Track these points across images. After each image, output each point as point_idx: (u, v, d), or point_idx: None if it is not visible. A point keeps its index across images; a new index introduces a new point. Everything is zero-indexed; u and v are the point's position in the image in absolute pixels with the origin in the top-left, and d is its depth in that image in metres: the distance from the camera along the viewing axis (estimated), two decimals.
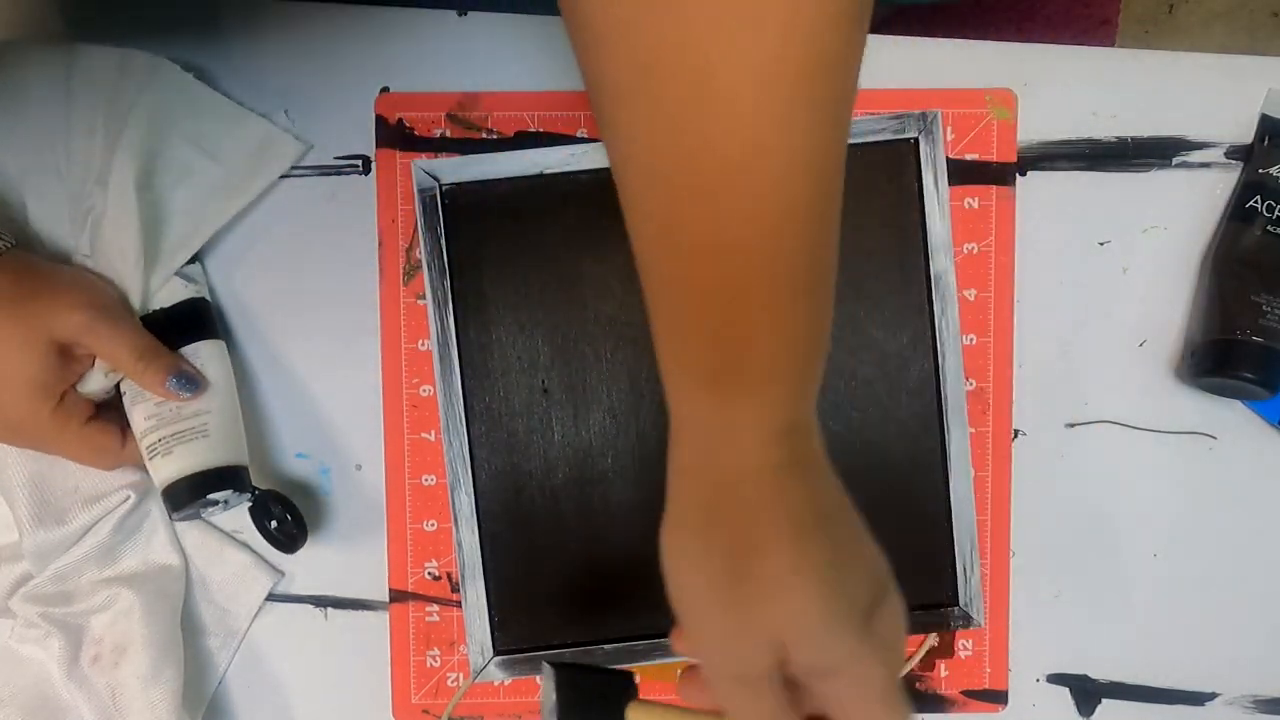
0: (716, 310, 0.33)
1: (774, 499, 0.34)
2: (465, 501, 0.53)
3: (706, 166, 0.30)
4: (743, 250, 0.31)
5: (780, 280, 0.32)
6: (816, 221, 0.32)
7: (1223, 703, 0.56)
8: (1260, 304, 0.52)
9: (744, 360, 0.33)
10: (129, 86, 0.51)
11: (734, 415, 0.34)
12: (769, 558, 0.33)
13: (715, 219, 0.31)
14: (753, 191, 0.30)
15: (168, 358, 0.49)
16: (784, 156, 0.30)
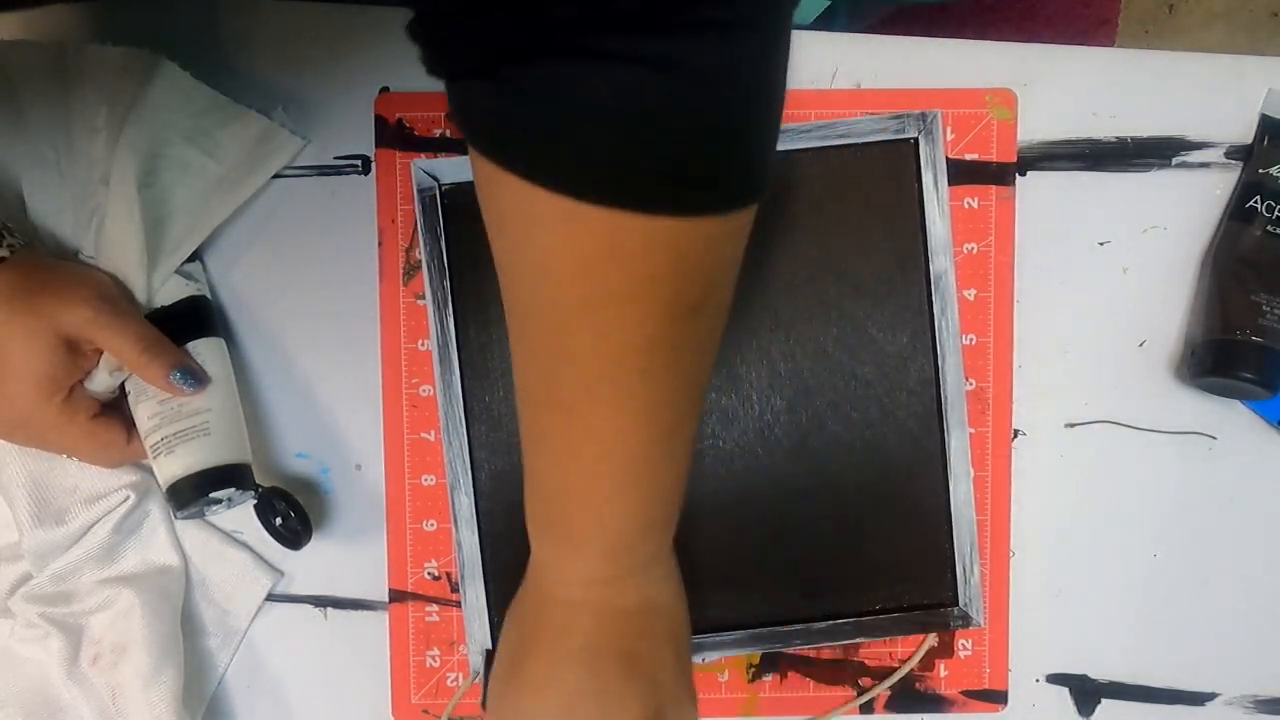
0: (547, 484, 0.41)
1: (553, 623, 0.42)
2: (465, 502, 0.53)
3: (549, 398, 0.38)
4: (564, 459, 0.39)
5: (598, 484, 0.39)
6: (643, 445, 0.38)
7: (1223, 703, 0.56)
8: (1260, 304, 0.52)
9: (564, 527, 0.41)
10: (129, 85, 0.51)
11: (554, 561, 0.43)
12: (530, 666, 0.42)
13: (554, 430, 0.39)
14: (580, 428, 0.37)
15: (172, 352, 0.49)
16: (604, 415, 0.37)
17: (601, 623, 0.42)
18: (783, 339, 0.53)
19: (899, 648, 0.55)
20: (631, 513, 0.40)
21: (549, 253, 0.34)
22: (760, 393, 0.54)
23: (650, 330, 0.35)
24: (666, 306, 0.34)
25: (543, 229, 0.33)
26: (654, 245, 0.33)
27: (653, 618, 0.43)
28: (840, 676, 0.55)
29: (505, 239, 0.36)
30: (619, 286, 0.33)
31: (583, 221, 0.32)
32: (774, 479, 0.54)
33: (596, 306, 0.34)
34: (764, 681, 0.55)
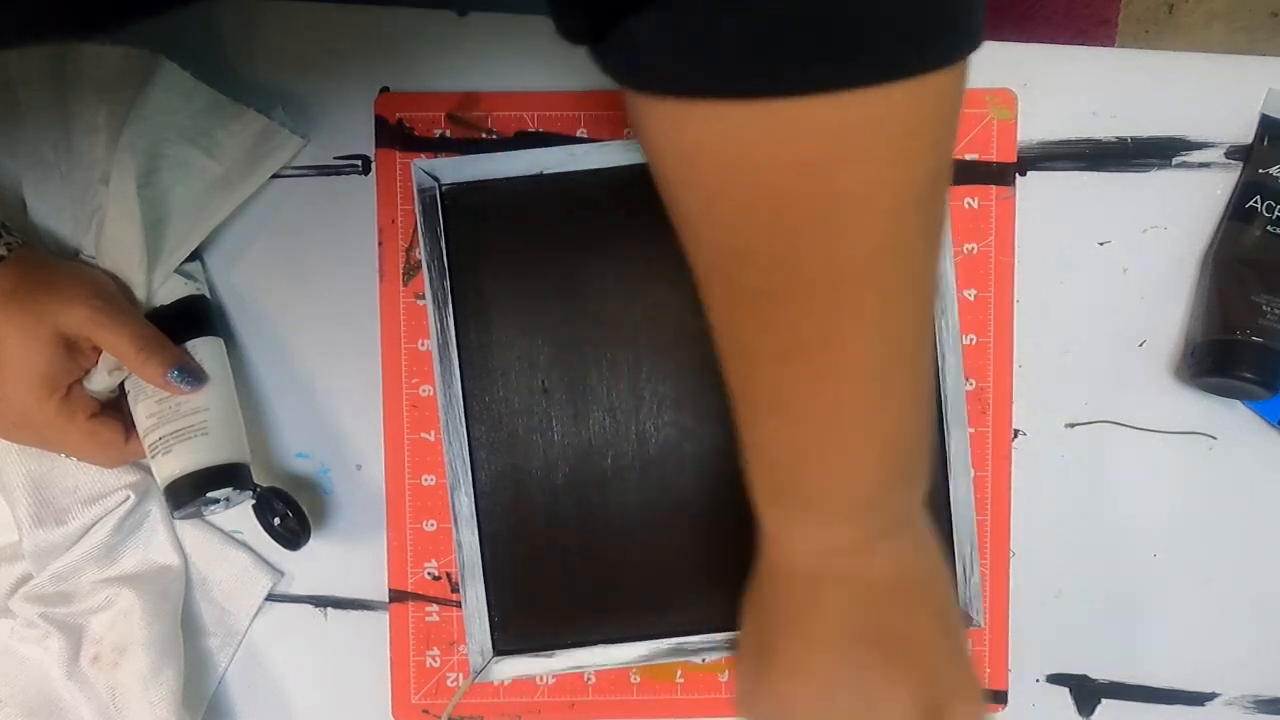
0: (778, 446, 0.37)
1: (802, 602, 0.38)
2: (465, 502, 0.53)
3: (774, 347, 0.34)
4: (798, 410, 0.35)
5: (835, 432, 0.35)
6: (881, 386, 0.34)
7: (1223, 703, 0.56)
8: (1260, 304, 0.52)
9: (794, 485, 0.37)
10: (129, 85, 0.51)
11: (790, 526, 0.38)
12: (781, 653, 0.38)
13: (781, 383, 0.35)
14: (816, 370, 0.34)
15: (170, 351, 0.49)
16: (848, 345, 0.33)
17: (853, 598, 0.37)
18: None
19: None
20: (878, 460, 0.36)
21: (763, 175, 0.30)
22: None
23: (880, 231, 0.31)
24: (896, 199, 0.30)
25: (752, 150, 0.30)
26: (878, 126, 0.29)
27: (912, 591, 0.38)
28: None
29: (699, 187, 0.32)
30: (846, 186, 0.30)
31: (798, 123, 0.29)
32: None
33: (822, 221, 0.30)
34: None
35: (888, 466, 0.37)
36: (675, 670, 0.55)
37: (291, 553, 0.52)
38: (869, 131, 0.29)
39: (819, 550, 0.38)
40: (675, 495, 0.54)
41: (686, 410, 0.54)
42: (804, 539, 0.38)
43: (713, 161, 0.31)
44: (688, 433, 0.54)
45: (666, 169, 0.33)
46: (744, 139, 0.29)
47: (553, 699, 0.55)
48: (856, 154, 0.29)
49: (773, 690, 0.38)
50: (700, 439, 0.54)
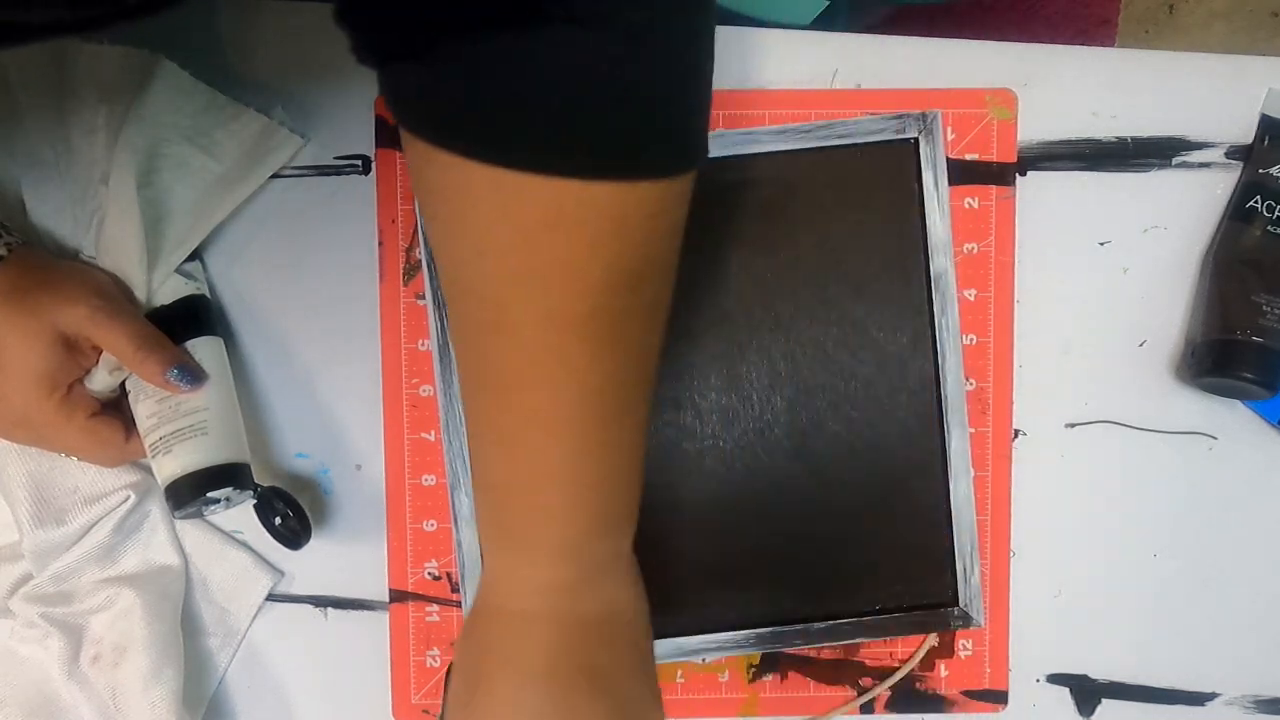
0: (495, 480, 0.39)
1: (511, 640, 0.39)
2: (465, 502, 0.53)
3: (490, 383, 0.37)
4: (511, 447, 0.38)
5: (544, 474, 0.38)
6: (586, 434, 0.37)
7: (1223, 703, 0.56)
8: (1260, 304, 0.52)
9: (512, 526, 0.39)
10: (128, 85, 0.51)
11: (504, 565, 0.40)
12: (491, 690, 0.39)
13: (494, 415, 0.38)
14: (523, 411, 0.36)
15: (168, 350, 0.49)
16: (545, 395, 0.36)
17: (562, 636, 0.39)
18: (783, 339, 0.53)
19: (899, 648, 0.55)
20: (583, 506, 0.38)
21: (487, 226, 0.33)
22: (760, 393, 0.54)
23: (592, 300, 0.34)
24: (608, 275, 0.34)
25: (481, 203, 0.33)
26: (594, 212, 0.33)
27: (615, 626, 0.41)
28: (840, 676, 0.55)
29: (441, 219, 0.35)
30: (559, 255, 0.33)
31: (522, 192, 0.32)
32: (774, 479, 0.54)
33: (536, 277, 0.34)
34: (764, 681, 0.55)
35: (590, 515, 0.39)
36: (675, 670, 0.55)
37: (292, 553, 0.52)
38: (584, 214, 0.32)
39: (531, 589, 0.39)
40: (675, 495, 0.54)
41: (686, 410, 0.54)
42: (516, 578, 0.40)
43: (449, 204, 0.34)
44: (687, 433, 0.54)
45: (419, 196, 0.37)
46: (474, 193, 0.33)
47: None
48: (565, 230, 0.33)
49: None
50: (699, 439, 0.54)
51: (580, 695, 0.39)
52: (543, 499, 0.38)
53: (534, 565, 0.39)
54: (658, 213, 0.35)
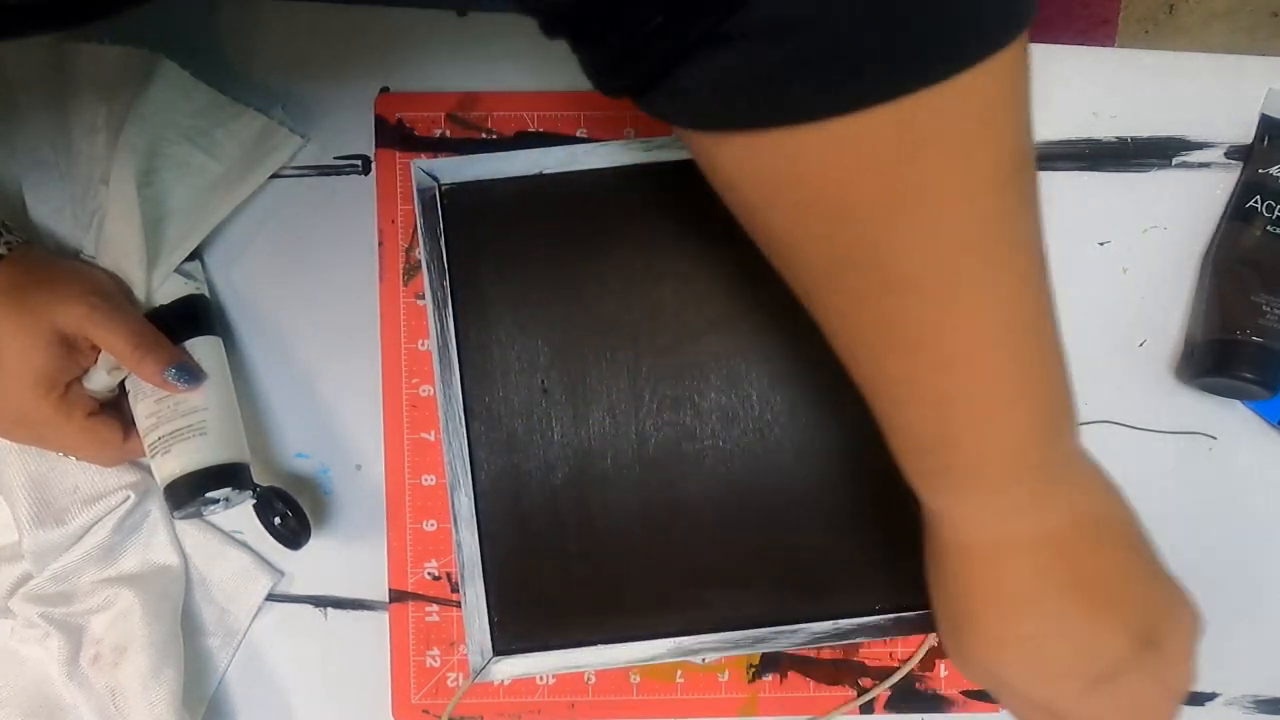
0: (922, 429, 0.37)
1: (984, 573, 0.39)
2: (465, 502, 0.53)
3: (895, 342, 0.35)
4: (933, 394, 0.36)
5: (977, 403, 0.35)
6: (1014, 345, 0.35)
7: (1223, 703, 0.56)
8: (1260, 304, 0.52)
9: (949, 464, 0.38)
10: (128, 85, 0.51)
11: (944, 502, 0.39)
12: (977, 623, 0.39)
13: (911, 373, 0.35)
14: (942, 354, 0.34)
15: (167, 349, 0.49)
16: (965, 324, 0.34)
17: (1037, 555, 0.37)
18: (783, 338, 0.53)
19: (899, 648, 0.55)
20: (1024, 422, 0.36)
21: (847, 186, 0.31)
22: (761, 393, 0.54)
23: (980, 210, 0.31)
24: (988, 179, 0.31)
25: (831, 166, 0.30)
26: (953, 116, 0.30)
27: (1093, 529, 0.38)
28: (840, 676, 0.55)
29: (785, 205, 0.33)
30: (932, 180, 0.30)
31: (871, 132, 0.29)
32: (774, 479, 0.54)
33: (915, 212, 0.31)
34: (764, 681, 0.55)
35: (1039, 425, 0.37)
36: (675, 670, 0.55)
37: (292, 552, 0.52)
38: (936, 128, 0.30)
39: (993, 519, 0.38)
40: (674, 495, 0.54)
41: (686, 410, 0.54)
42: (974, 512, 0.38)
43: (791, 183, 0.32)
44: (687, 433, 0.54)
45: (744, 195, 0.34)
46: (817, 159, 0.31)
47: (553, 699, 0.55)
48: (930, 148, 0.30)
49: (982, 663, 0.39)
50: (700, 439, 0.54)
51: (1080, 609, 0.37)
52: (985, 432, 0.36)
53: (991, 494, 0.37)
54: (1015, 85, 0.31)
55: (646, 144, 0.53)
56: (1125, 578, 0.39)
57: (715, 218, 0.54)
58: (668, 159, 0.53)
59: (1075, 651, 0.37)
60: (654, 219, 0.54)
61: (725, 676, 0.55)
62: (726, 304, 0.53)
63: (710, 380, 0.54)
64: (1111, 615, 0.38)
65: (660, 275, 0.53)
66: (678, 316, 0.54)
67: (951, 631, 0.41)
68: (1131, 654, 0.38)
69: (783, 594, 0.54)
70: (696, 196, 0.54)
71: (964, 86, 0.29)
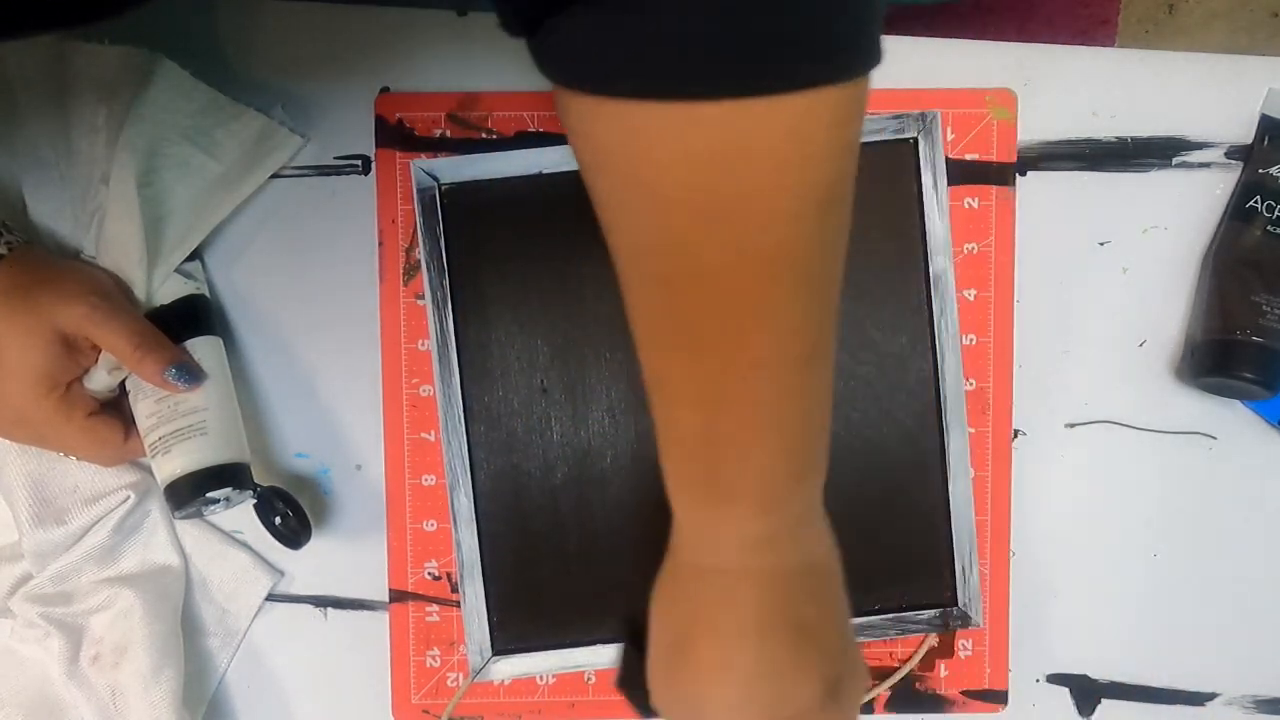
0: (691, 437, 0.37)
1: (718, 600, 0.38)
2: (464, 502, 0.53)
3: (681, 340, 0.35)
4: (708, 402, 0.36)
5: (746, 424, 0.36)
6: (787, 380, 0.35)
7: (1223, 703, 0.56)
8: (1260, 304, 0.52)
9: (710, 478, 0.38)
10: (128, 85, 0.51)
11: (703, 521, 0.39)
12: (700, 652, 0.38)
13: (689, 372, 0.36)
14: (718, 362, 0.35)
15: (167, 349, 0.49)
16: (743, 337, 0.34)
17: (767, 592, 0.38)
18: None
19: (899, 648, 0.55)
20: (784, 453, 0.37)
21: (665, 170, 0.32)
22: None
23: (780, 232, 0.32)
24: (794, 202, 0.32)
25: (656, 147, 0.31)
26: (778, 133, 0.31)
27: (815, 579, 0.40)
28: None
29: (611, 176, 0.34)
30: (745, 187, 0.31)
31: (699, 123, 0.30)
32: None
33: (720, 217, 0.32)
34: None
35: (797, 461, 0.37)
36: None
37: (292, 552, 0.52)
38: (767, 137, 0.30)
39: (733, 545, 0.38)
40: None
41: None
42: (717, 534, 0.38)
43: (620, 156, 0.33)
44: None
45: (583, 159, 0.35)
46: (648, 136, 0.31)
47: (553, 699, 0.55)
48: (756, 157, 0.31)
49: (694, 691, 0.39)
50: None
51: (789, 650, 0.38)
52: (744, 451, 0.37)
53: (736, 520, 0.38)
54: (842, 123, 0.32)
55: None
56: (830, 629, 0.40)
57: None
58: None
59: (777, 692, 0.38)
60: None
61: None
62: None
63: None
64: (813, 663, 0.38)
65: None
66: None
67: (668, 658, 0.40)
68: (818, 704, 0.38)
69: None
70: None
71: (791, 107, 0.30)
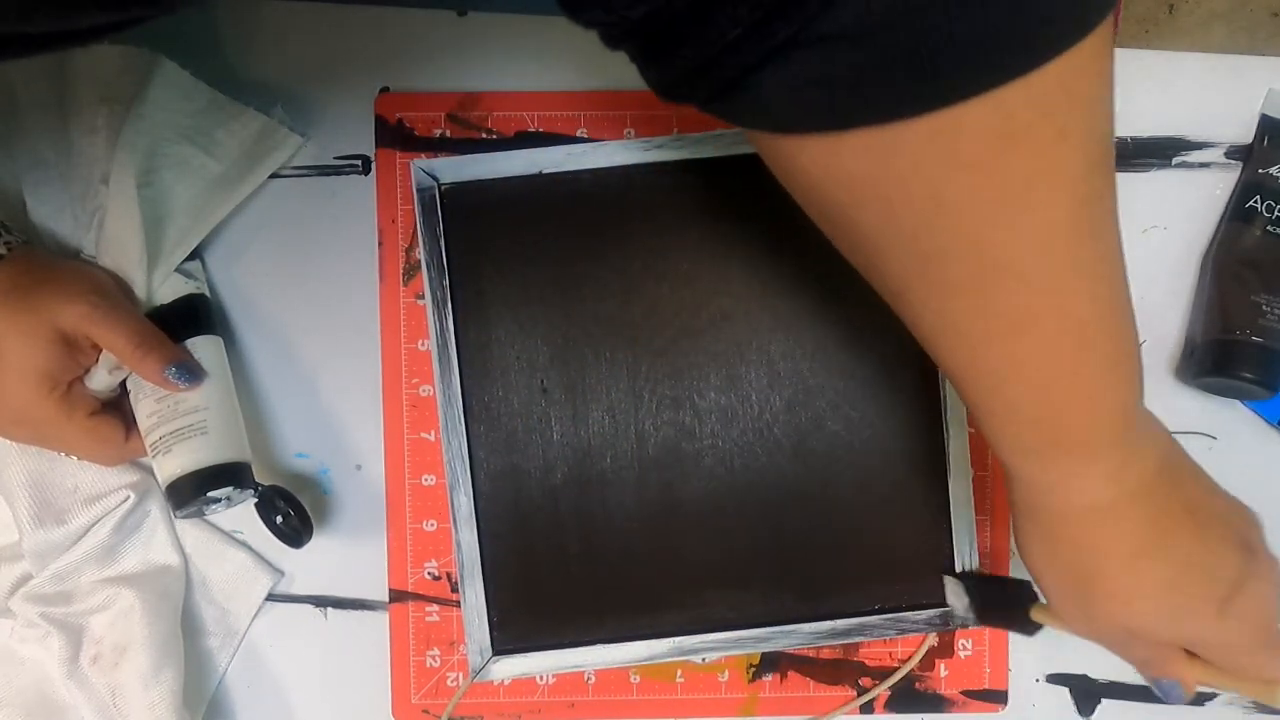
0: (1027, 408, 0.38)
1: (1100, 534, 0.40)
2: (464, 501, 0.53)
3: (995, 329, 0.35)
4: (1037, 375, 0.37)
5: (1080, 377, 0.37)
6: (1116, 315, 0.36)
7: (1222, 702, 0.56)
8: (1260, 304, 0.52)
9: (1057, 437, 0.39)
10: (128, 84, 0.51)
11: (1055, 474, 0.40)
12: (1104, 584, 0.40)
13: (1013, 357, 0.36)
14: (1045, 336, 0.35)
15: (167, 348, 0.49)
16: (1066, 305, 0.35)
17: (1149, 504, 0.40)
18: (782, 338, 0.53)
19: (899, 648, 0.55)
20: (1123, 391, 0.38)
21: (941, 182, 0.31)
22: (760, 392, 0.54)
23: (1072, 197, 0.32)
24: (1081, 163, 0.32)
25: (923, 163, 0.31)
26: (1048, 104, 0.30)
27: (1176, 463, 0.41)
28: (840, 676, 0.55)
29: (874, 204, 0.33)
30: (1027, 169, 0.31)
31: (965, 126, 0.30)
32: (774, 479, 0.54)
33: (1015, 202, 0.31)
34: (764, 681, 0.55)
35: (1132, 390, 0.39)
36: (675, 670, 0.55)
37: (292, 552, 0.52)
38: (1030, 117, 0.30)
39: (1104, 481, 0.39)
40: (674, 495, 0.54)
41: (685, 410, 0.54)
42: (1087, 479, 0.39)
43: (881, 181, 0.32)
44: (687, 433, 0.54)
45: (830, 195, 0.34)
46: (910, 156, 0.31)
47: (553, 699, 0.55)
48: (1026, 137, 0.30)
49: (1115, 619, 0.41)
50: (699, 439, 0.54)
51: (1195, 536, 0.40)
52: (1089, 405, 0.38)
53: (1098, 460, 0.39)
54: (1103, 64, 0.31)
55: (646, 144, 0.53)
56: (1210, 499, 0.41)
57: (715, 217, 0.54)
58: (667, 159, 0.53)
59: (1203, 580, 0.39)
60: (654, 218, 0.54)
61: (725, 676, 0.55)
62: (726, 303, 0.53)
63: (709, 380, 0.54)
64: (1217, 537, 0.40)
65: (660, 275, 0.53)
66: (677, 316, 0.54)
67: (1077, 598, 0.42)
68: (1243, 565, 0.40)
69: (782, 594, 0.54)
70: (696, 196, 0.54)
71: (1055, 74, 0.29)
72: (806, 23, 0.28)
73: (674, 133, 0.54)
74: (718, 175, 0.53)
